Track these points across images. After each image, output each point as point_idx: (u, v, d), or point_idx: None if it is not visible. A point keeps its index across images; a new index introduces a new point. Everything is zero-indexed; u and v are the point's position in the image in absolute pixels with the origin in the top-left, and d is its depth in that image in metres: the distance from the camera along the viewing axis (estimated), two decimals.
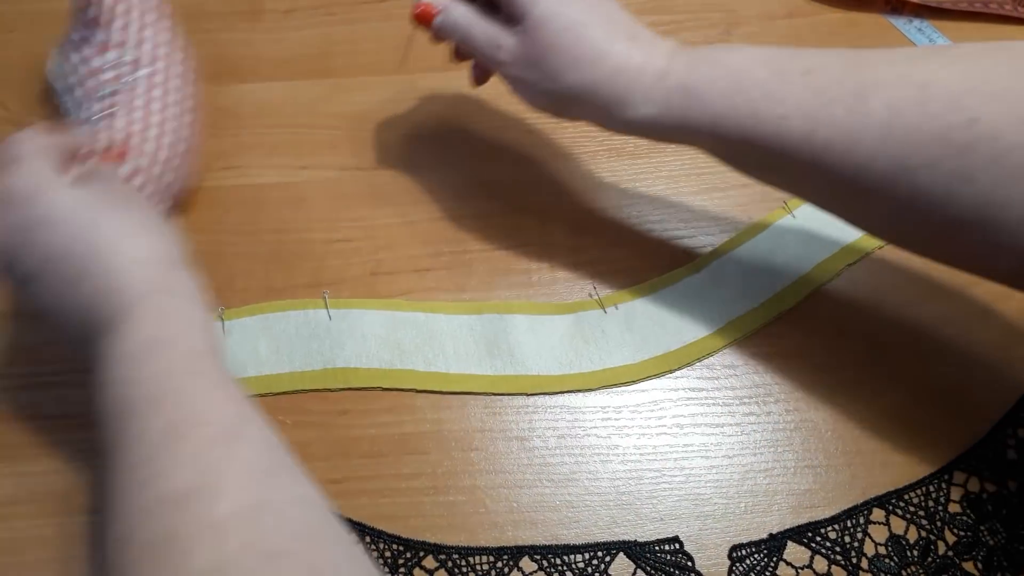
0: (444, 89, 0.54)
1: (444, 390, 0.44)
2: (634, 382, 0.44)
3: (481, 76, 0.43)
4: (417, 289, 0.47)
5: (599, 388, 0.44)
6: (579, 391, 0.44)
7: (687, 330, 0.45)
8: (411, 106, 0.53)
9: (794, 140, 0.33)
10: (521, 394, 0.43)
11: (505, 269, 0.47)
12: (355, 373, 0.44)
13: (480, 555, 0.39)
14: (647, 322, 0.45)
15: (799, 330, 0.45)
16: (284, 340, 0.45)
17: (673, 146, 0.51)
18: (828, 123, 0.33)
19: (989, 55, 0.32)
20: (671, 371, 0.44)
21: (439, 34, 0.42)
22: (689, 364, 0.44)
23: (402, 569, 0.39)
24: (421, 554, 0.40)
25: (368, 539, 0.40)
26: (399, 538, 0.40)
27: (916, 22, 0.56)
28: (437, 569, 0.39)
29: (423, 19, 0.42)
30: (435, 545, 0.40)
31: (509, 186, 0.50)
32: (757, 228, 0.48)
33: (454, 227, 0.49)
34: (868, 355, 0.44)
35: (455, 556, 0.39)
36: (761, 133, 0.34)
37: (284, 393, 0.44)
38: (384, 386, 0.44)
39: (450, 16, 0.41)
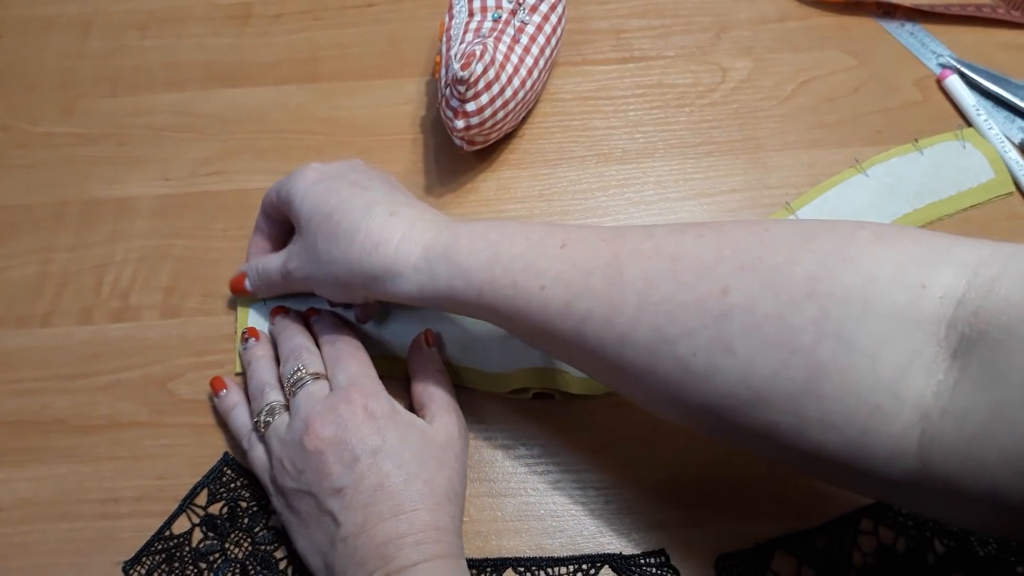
0: (430, 94, 0.53)
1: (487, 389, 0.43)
2: None
3: (363, 313, 0.45)
4: None
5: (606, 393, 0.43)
6: (593, 395, 0.43)
7: None
8: (398, 111, 0.53)
9: (555, 309, 0.34)
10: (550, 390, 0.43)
11: None
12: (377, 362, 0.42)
13: None
14: None
15: None
16: None
17: (661, 152, 0.51)
18: (587, 294, 0.33)
19: (742, 228, 0.32)
20: None
21: (259, 292, 0.45)
22: None
23: None
24: None
25: None
26: None
27: (908, 25, 0.55)
28: None
29: (238, 291, 0.46)
30: None
31: (495, 190, 0.50)
32: None
33: None
34: None
35: None
36: (523, 304, 0.35)
37: None
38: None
39: (252, 273, 0.45)
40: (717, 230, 0.32)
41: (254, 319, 0.46)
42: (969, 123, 0.51)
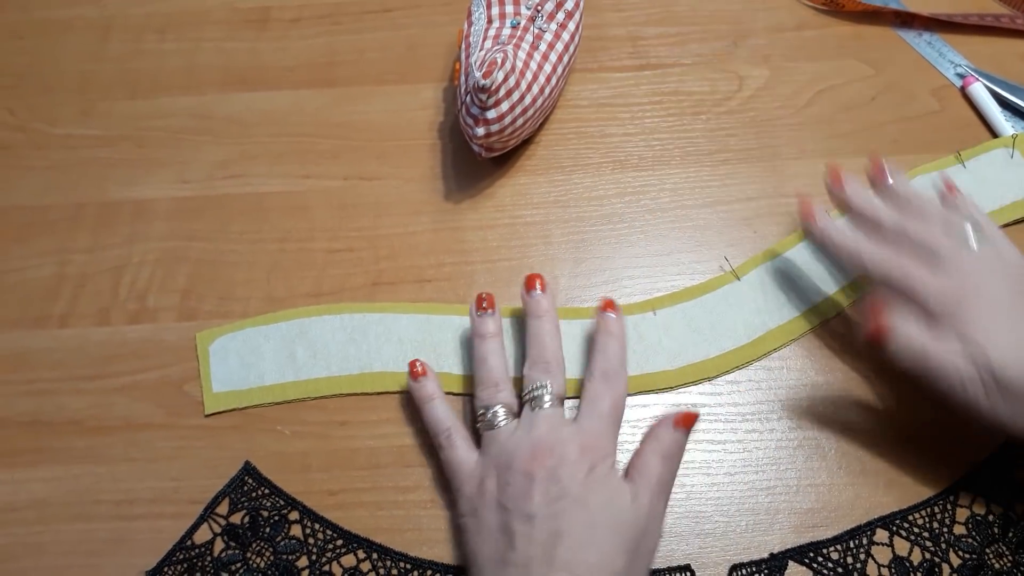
0: (447, 99, 0.54)
1: None
2: (671, 389, 0.43)
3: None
4: (419, 300, 0.47)
5: (636, 393, 0.43)
6: None
7: (725, 338, 0.44)
8: (415, 116, 0.53)
9: None
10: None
11: (507, 280, 0.47)
12: (392, 377, 0.44)
13: None
14: (685, 329, 0.45)
15: (803, 347, 0.44)
16: (321, 345, 0.45)
17: (677, 159, 0.51)
18: None
19: None
20: (709, 379, 0.44)
21: (897, 360, 0.38)
22: (727, 372, 0.44)
23: None
24: (429, 573, 0.39)
25: (376, 556, 0.40)
26: (406, 556, 0.40)
27: (926, 35, 0.55)
28: None
29: (807, 216, 0.42)
30: (443, 565, 0.40)
31: (511, 196, 0.50)
32: (798, 237, 0.47)
33: (456, 237, 0.49)
34: (873, 373, 0.43)
35: None
36: None
37: (322, 397, 0.44)
38: None
39: (839, 231, 0.41)
40: None
41: (276, 345, 0.45)
42: (993, 132, 0.51)
